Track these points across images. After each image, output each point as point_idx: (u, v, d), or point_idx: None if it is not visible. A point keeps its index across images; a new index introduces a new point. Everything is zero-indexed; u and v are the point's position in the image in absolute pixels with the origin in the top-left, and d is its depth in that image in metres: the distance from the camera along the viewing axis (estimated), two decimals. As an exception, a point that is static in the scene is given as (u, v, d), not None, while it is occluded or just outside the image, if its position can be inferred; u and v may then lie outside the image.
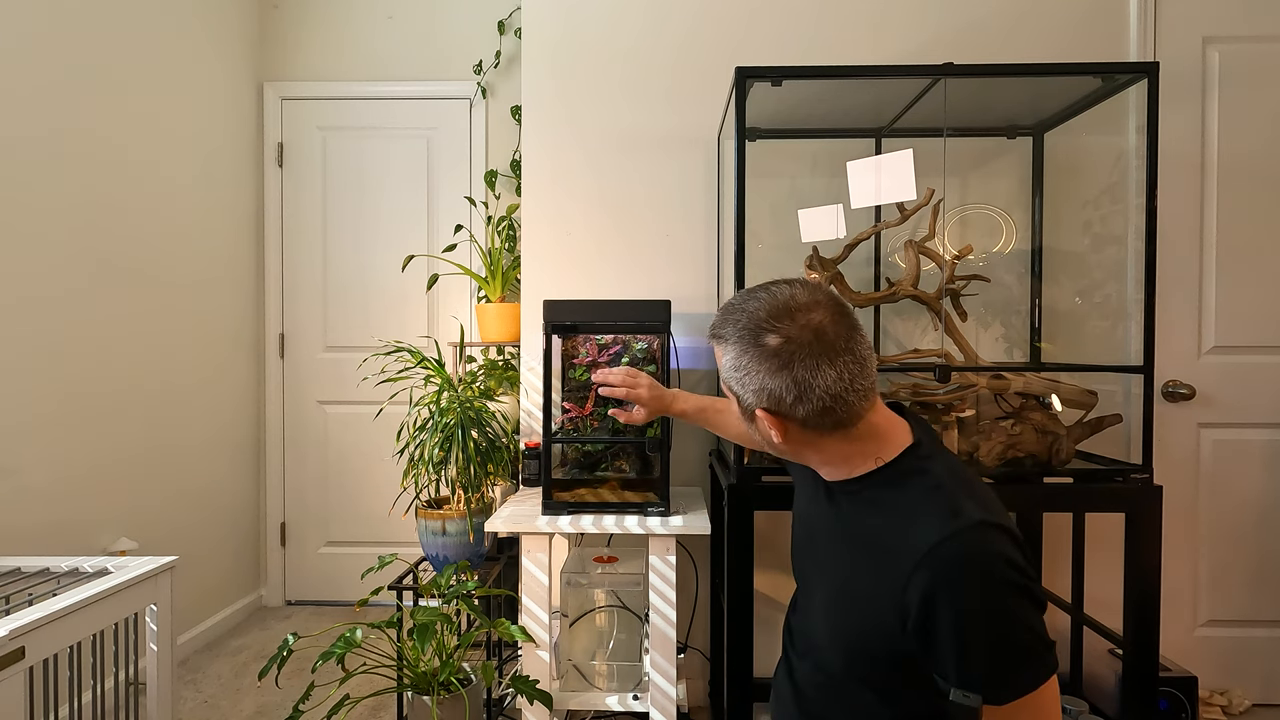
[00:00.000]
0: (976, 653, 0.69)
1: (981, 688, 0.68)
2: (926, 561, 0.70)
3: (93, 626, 1.18)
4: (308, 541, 2.71)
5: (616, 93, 1.98)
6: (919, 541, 0.72)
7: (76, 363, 1.87)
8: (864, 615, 0.78)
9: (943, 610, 0.69)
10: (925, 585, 0.70)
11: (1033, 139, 1.84)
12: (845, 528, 0.84)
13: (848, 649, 0.82)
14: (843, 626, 0.82)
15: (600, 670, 1.64)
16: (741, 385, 0.81)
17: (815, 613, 0.89)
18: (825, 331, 0.77)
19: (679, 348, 1.92)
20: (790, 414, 0.79)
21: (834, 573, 0.86)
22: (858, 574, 0.80)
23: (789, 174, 1.94)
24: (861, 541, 0.81)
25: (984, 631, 0.69)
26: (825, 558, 0.88)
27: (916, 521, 0.75)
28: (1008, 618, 0.69)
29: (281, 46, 2.67)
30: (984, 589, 0.69)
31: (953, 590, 0.69)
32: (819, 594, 0.89)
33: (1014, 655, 0.69)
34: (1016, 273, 1.89)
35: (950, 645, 0.69)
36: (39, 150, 1.77)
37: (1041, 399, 1.51)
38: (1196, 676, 1.72)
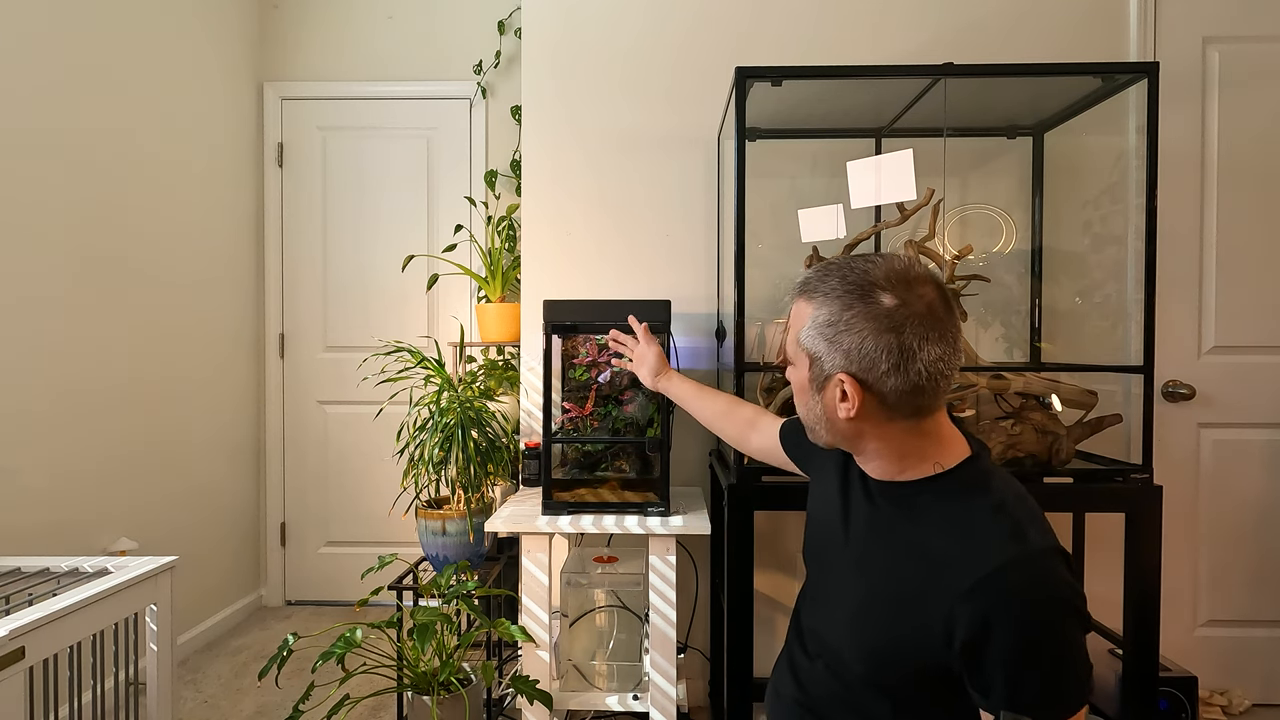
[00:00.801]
0: (1032, 678, 0.68)
1: (1032, 710, 0.68)
2: (988, 584, 0.69)
3: (93, 626, 1.18)
4: (308, 541, 2.71)
5: (616, 93, 1.98)
6: (980, 561, 0.71)
7: (77, 363, 1.88)
8: (901, 623, 0.76)
9: (1001, 634, 0.68)
10: (984, 607, 0.69)
11: (1033, 139, 1.84)
12: (890, 531, 0.82)
13: (874, 655, 0.79)
14: (873, 632, 0.79)
15: (600, 670, 1.64)
16: (831, 343, 0.77)
17: (838, 615, 0.86)
18: (938, 310, 0.75)
19: (679, 348, 1.92)
20: (878, 385, 0.76)
21: (870, 576, 0.82)
22: (900, 581, 0.78)
23: (789, 174, 1.94)
24: (909, 549, 0.78)
25: (1043, 659, 0.68)
26: (860, 559, 0.85)
27: (976, 539, 0.73)
28: (1065, 646, 0.69)
29: (281, 46, 2.67)
30: (1047, 619, 0.69)
31: (1014, 617, 0.68)
32: (848, 596, 0.85)
33: (1066, 681, 0.69)
34: (1016, 273, 1.89)
35: (1003, 669, 0.69)
36: (39, 150, 1.77)
37: (1041, 399, 1.51)
38: (1196, 676, 1.72)
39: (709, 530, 1.49)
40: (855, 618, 0.82)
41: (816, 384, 0.80)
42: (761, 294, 1.88)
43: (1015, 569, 0.70)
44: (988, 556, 0.71)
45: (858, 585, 0.83)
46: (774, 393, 1.58)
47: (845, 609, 0.84)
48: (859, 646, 0.81)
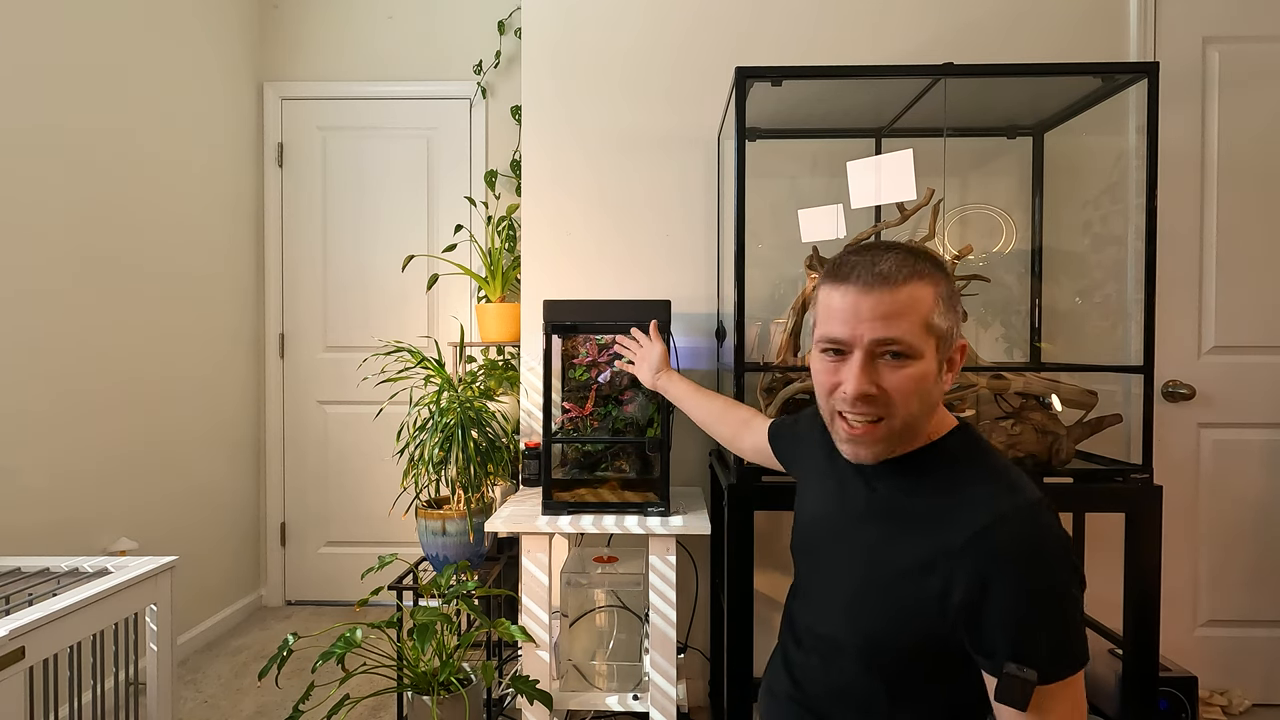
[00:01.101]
0: (1034, 630, 0.68)
1: (1039, 663, 0.68)
2: (982, 538, 0.71)
3: (93, 626, 1.18)
4: (308, 541, 2.71)
5: (616, 93, 1.98)
6: (975, 516, 0.72)
7: (77, 362, 1.88)
8: (900, 598, 0.77)
9: (1000, 587, 0.69)
10: (985, 556, 0.70)
11: (1033, 139, 1.84)
12: (884, 508, 0.83)
13: (872, 637, 0.80)
14: (871, 613, 0.80)
15: (600, 670, 1.64)
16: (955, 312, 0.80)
17: (834, 605, 0.86)
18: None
19: (679, 348, 1.92)
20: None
21: (866, 558, 0.83)
22: (897, 553, 0.78)
23: (789, 174, 1.94)
24: (907, 521, 0.79)
25: (1044, 610, 0.69)
26: (857, 545, 0.85)
27: (974, 494, 0.75)
28: (1068, 597, 0.70)
29: (281, 46, 2.67)
30: (1044, 565, 0.69)
31: (1020, 564, 0.69)
32: (844, 584, 0.85)
33: (1069, 635, 0.69)
34: (1016, 273, 1.89)
35: (1005, 623, 0.69)
36: (39, 150, 1.77)
37: (1041, 399, 1.51)
38: (1196, 676, 1.72)
39: (709, 530, 1.49)
40: (852, 603, 0.83)
41: (940, 364, 0.79)
42: (761, 294, 1.88)
43: (1012, 520, 0.71)
44: (983, 510, 0.72)
45: (854, 572, 0.84)
46: (774, 393, 1.58)
47: (842, 597, 0.85)
48: (855, 632, 0.81)
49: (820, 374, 0.82)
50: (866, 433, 0.79)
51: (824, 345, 0.81)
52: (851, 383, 0.77)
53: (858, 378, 0.76)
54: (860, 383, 0.76)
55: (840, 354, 0.80)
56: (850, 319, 0.77)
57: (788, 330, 1.62)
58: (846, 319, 0.78)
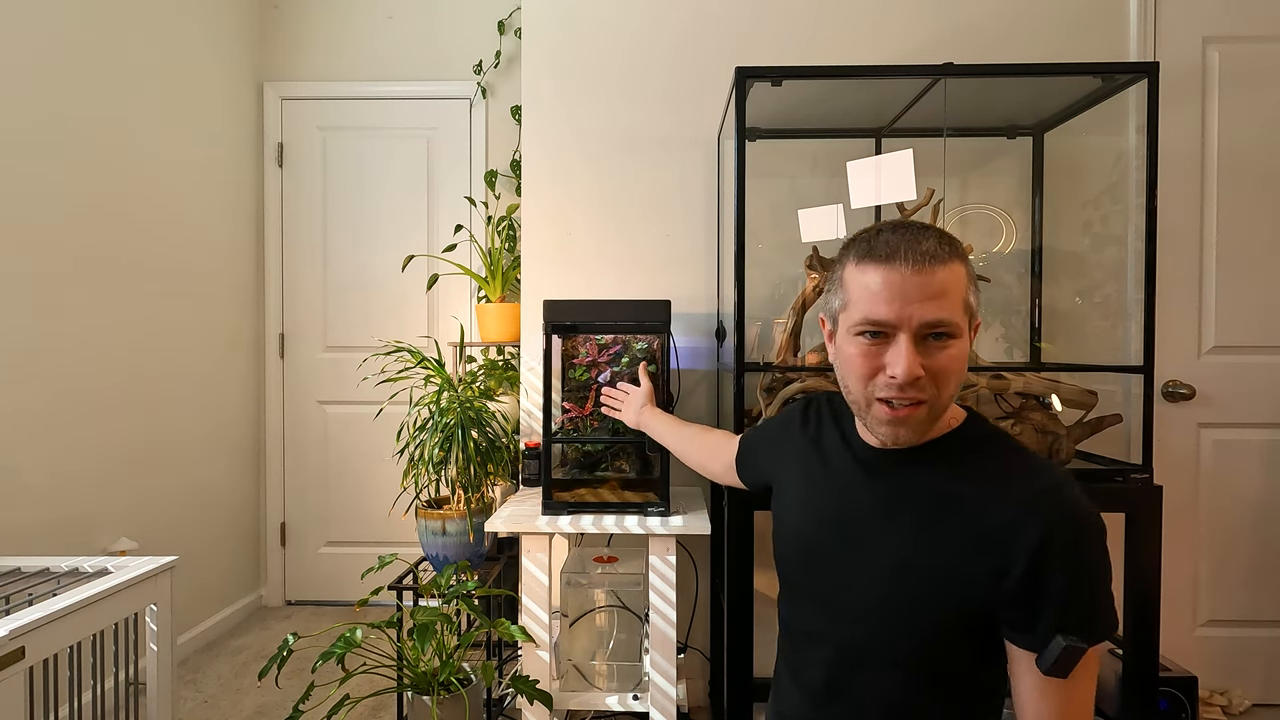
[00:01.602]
0: (1080, 599, 0.71)
1: (1083, 629, 0.70)
2: (1038, 506, 0.72)
3: (93, 626, 1.18)
4: (308, 541, 2.71)
5: (616, 93, 1.98)
6: (1025, 490, 0.74)
7: (77, 362, 1.88)
8: (939, 585, 0.76)
9: (1057, 554, 0.70)
10: (1040, 528, 0.71)
11: (1033, 139, 1.84)
12: (909, 498, 0.81)
13: (909, 625, 0.78)
14: (907, 605, 0.78)
15: (600, 670, 1.64)
16: (977, 295, 0.80)
17: (855, 602, 0.82)
18: None
19: (679, 348, 1.92)
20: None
21: (891, 550, 0.80)
22: (930, 543, 0.77)
23: (789, 174, 1.94)
24: (943, 504, 0.78)
25: (1091, 575, 0.72)
26: (873, 538, 0.82)
27: (1016, 474, 0.76)
28: (1105, 563, 0.73)
29: (281, 46, 2.67)
30: (1091, 532, 0.72)
31: (1066, 535, 0.71)
32: (863, 581, 0.82)
33: (1108, 604, 0.73)
34: (1016, 273, 1.89)
35: (1054, 593, 0.70)
36: (38, 149, 1.77)
37: (1041, 399, 1.51)
38: (1196, 676, 1.72)
39: (709, 530, 1.49)
40: (884, 597, 0.80)
41: (968, 332, 0.79)
42: (761, 294, 1.88)
43: (1059, 492, 0.73)
44: (1029, 485, 0.74)
45: (882, 568, 0.80)
46: (774, 392, 1.58)
47: (868, 596, 0.81)
48: (889, 629, 0.79)
49: (856, 359, 0.78)
50: (910, 414, 0.77)
51: (863, 328, 0.77)
52: (902, 366, 0.74)
53: (909, 360, 0.74)
54: (913, 365, 0.74)
55: (879, 336, 0.76)
56: (897, 299, 0.74)
57: (788, 330, 1.62)
58: (892, 300, 0.75)
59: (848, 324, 0.79)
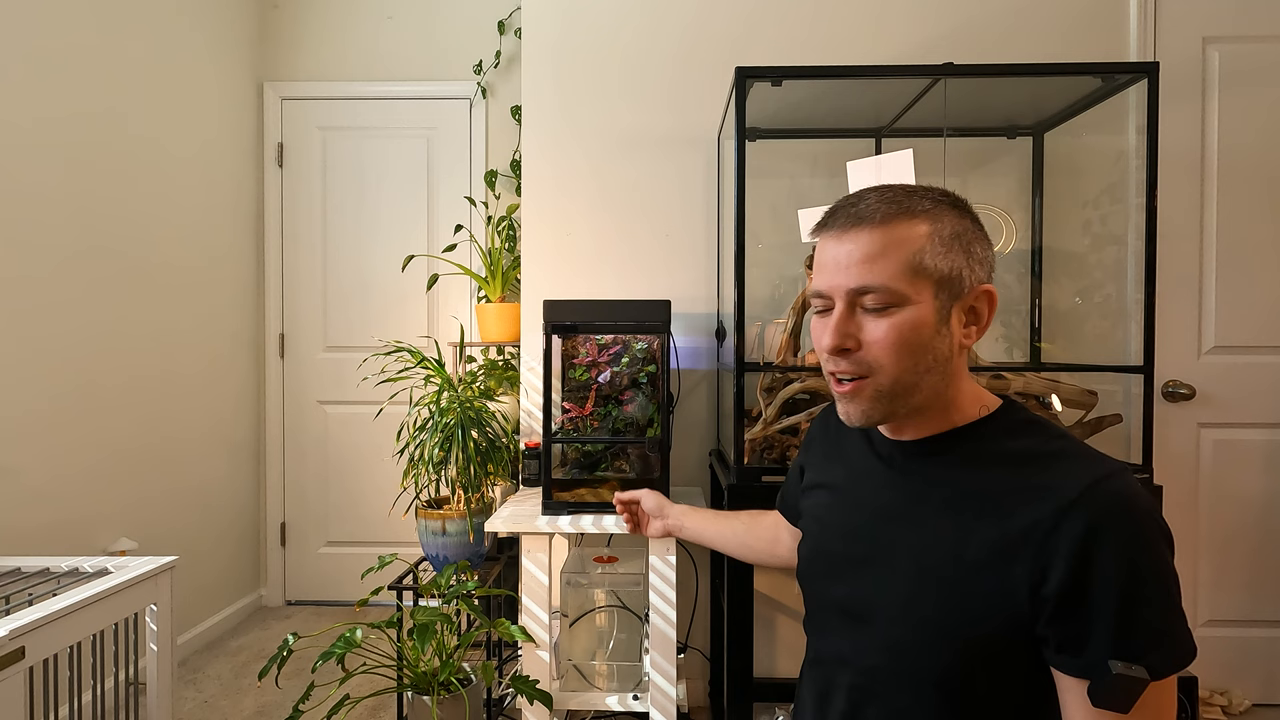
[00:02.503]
0: (1141, 614, 0.58)
1: (1144, 655, 0.57)
2: (1083, 502, 0.61)
3: (93, 626, 1.18)
4: (308, 541, 2.71)
5: (616, 93, 1.98)
6: (1070, 483, 0.62)
7: (78, 362, 1.88)
8: (969, 593, 0.65)
9: (1105, 554, 0.59)
10: (1082, 528, 0.60)
11: (1033, 139, 1.84)
12: (934, 497, 0.71)
13: (935, 645, 0.67)
14: (935, 615, 0.68)
15: (600, 670, 1.64)
16: (968, 255, 0.69)
17: (879, 617, 0.73)
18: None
19: (679, 348, 1.92)
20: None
21: (916, 556, 0.70)
22: (961, 546, 0.67)
23: (789, 174, 1.94)
24: (966, 506, 0.68)
25: (1152, 585, 0.59)
26: (897, 543, 0.73)
27: (1058, 466, 0.65)
28: (1170, 572, 0.60)
29: (281, 46, 2.67)
30: (1149, 534, 0.60)
31: (1119, 533, 0.59)
32: (887, 592, 0.72)
33: (1178, 617, 0.60)
34: (1016, 273, 1.89)
35: (1108, 604, 0.58)
36: (36, 149, 1.77)
37: (1042, 399, 1.51)
38: (1196, 676, 1.72)
39: (709, 530, 1.48)
40: (907, 608, 0.70)
41: (945, 311, 0.69)
42: (761, 294, 1.88)
43: (1110, 483, 0.62)
44: (1073, 480, 0.63)
45: (899, 573, 0.72)
46: (774, 392, 1.58)
47: (891, 604, 0.72)
48: (916, 637, 0.69)
49: (814, 333, 0.74)
50: (852, 390, 0.71)
51: (814, 304, 0.74)
52: (825, 336, 0.70)
53: (831, 330, 0.69)
54: (833, 335, 0.69)
55: (828, 310, 0.72)
56: (829, 267, 0.71)
57: (788, 330, 1.62)
58: (824, 268, 0.71)
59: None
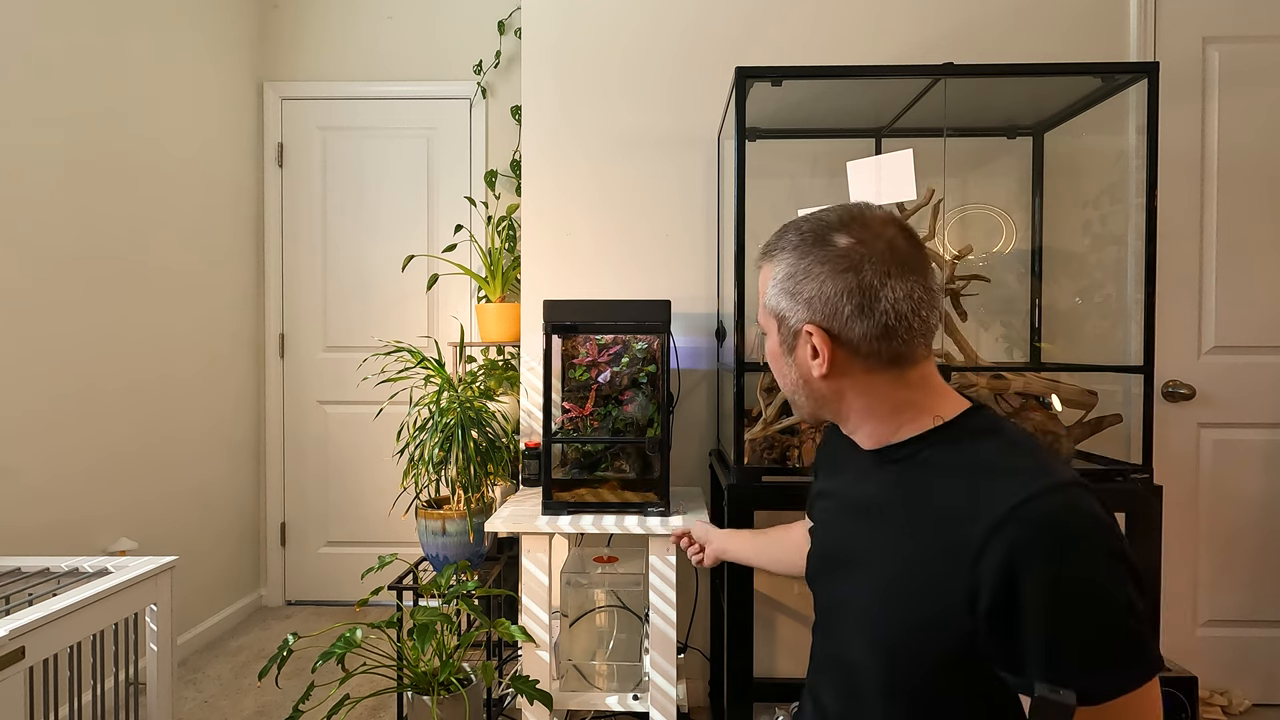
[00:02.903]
0: (1070, 633, 0.57)
1: (1075, 679, 0.56)
2: (1009, 522, 0.59)
3: (93, 626, 1.18)
4: (308, 541, 2.71)
5: (616, 93, 1.98)
6: (998, 502, 0.61)
7: (77, 362, 1.87)
8: (920, 603, 0.66)
9: (1029, 579, 0.57)
10: (1007, 550, 0.59)
11: (1033, 139, 1.84)
12: (892, 502, 0.72)
13: (894, 653, 0.68)
14: (891, 624, 0.68)
15: (600, 670, 1.64)
16: (792, 295, 0.73)
17: (851, 621, 0.76)
18: (900, 247, 0.70)
19: (679, 348, 1.92)
20: (843, 332, 0.70)
21: (878, 561, 0.72)
22: (912, 554, 0.68)
23: (789, 174, 1.94)
24: (917, 514, 0.69)
25: (1081, 606, 0.57)
26: (863, 547, 0.75)
27: (994, 481, 0.63)
28: (1108, 590, 0.57)
29: (281, 46, 2.67)
30: (1079, 554, 0.58)
31: (1044, 555, 0.58)
32: (856, 597, 0.75)
33: (1113, 639, 0.57)
34: (1016, 273, 1.89)
35: (1037, 625, 0.57)
36: (36, 150, 1.77)
37: (1041, 399, 1.51)
38: (1196, 676, 1.72)
39: (709, 530, 1.48)
40: (869, 618, 0.72)
41: (787, 345, 0.76)
42: (761, 294, 1.88)
43: (1040, 499, 0.60)
44: (1011, 493, 0.61)
45: (869, 579, 0.73)
46: (774, 392, 1.58)
47: (857, 613, 0.74)
48: (877, 650, 0.71)
49: None
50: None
51: None
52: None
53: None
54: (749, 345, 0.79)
55: None
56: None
57: (788, 330, 1.61)
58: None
59: None
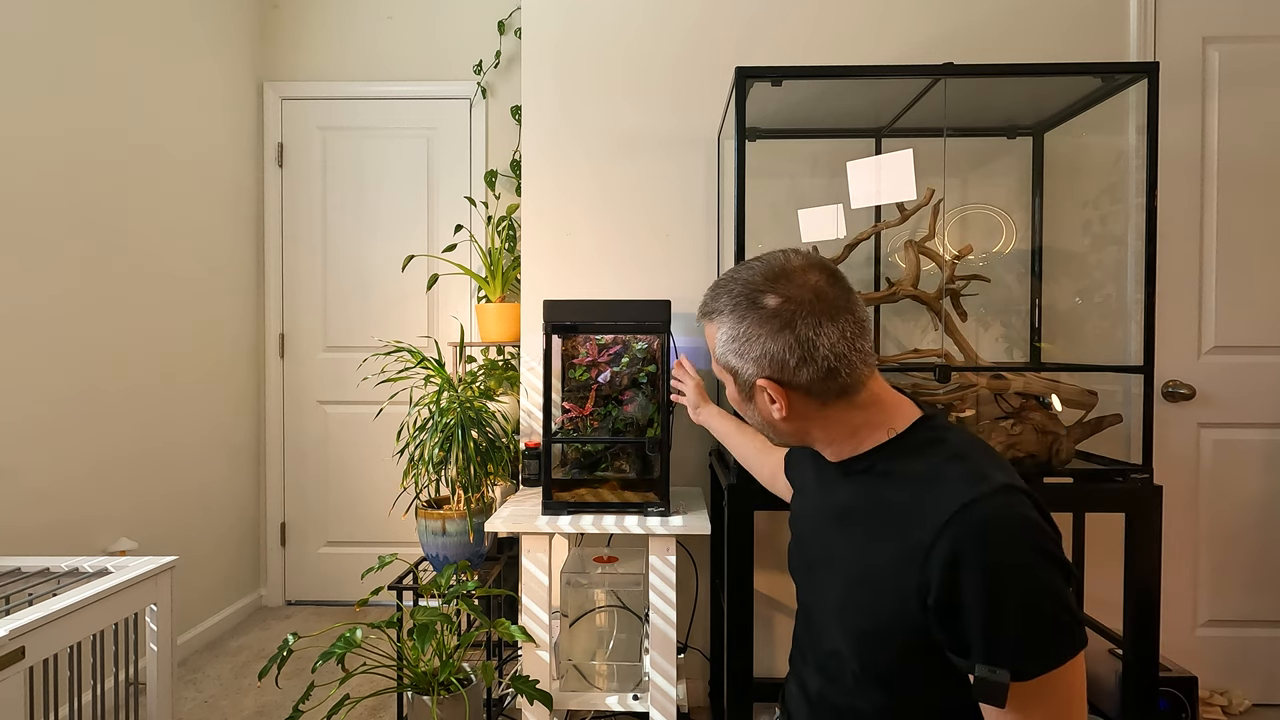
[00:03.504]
0: (1003, 620, 0.66)
1: (1008, 660, 0.65)
2: (950, 526, 0.68)
3: (93, 626, 1.18)
4: (308, 541, 2.71)
5: (617, 92, 1.98)
6: (942, 507, 0.70)
7: (77, 363, 1.87)
8: (882, 598, 0.74)
9: (967, 575, 0.67)
10: (949, 551, 0.68)
11: (1033, 139, 1.84)
12: (858, 509, 0.81)
13: (863, 642, 0.77)
14: (859, 617, 0.77)
15: (600, 670, 1.64)
16: (740, 356, 0.80)
17: (827, 613, 0.84)
18: (824, 291, 0.77)
19: (679, 348, 1.92)
20: (793, 380, 0.78)
21: (847, 562, 0.81)
22: (874, 555, 0.76)
23: (789, 174, 1.94)
24: (877, 519, 0.78)
25: (1011, 596, 0.66)
26: (836, 549, 0.84)
27: (939, 488, 0.72)
28: (1036, 582, 0.66)
29: (281, 46, 2.67)
30: (1010, 551, 0.67)
31: (978, 554, 0.67)
32: (831, 592, 0.84)
33: (1042, 624, 0.66)
34: (1016, 273, 1.89)
35: (975, 614, 0.66)
36: (36, 151, 1.77)
37: (1041, 399, 1.51)
38: (1196, 676, 1.72)
39: (709, 530, 1.49)
40: (842, 610, 0.81)
41: (745, 394, 0.84)
42: (761, 294, 1.88)
43: (975, 506, 0.68)
44: (952, 500, 0.70)
45: (839, 575, 0.82)
46: (774, 393, 1.58)
47: (833, 605, 0.83)
48: (849, 639, 0.79)
49: None
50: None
51: None
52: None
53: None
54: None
55: None
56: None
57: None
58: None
59: None
